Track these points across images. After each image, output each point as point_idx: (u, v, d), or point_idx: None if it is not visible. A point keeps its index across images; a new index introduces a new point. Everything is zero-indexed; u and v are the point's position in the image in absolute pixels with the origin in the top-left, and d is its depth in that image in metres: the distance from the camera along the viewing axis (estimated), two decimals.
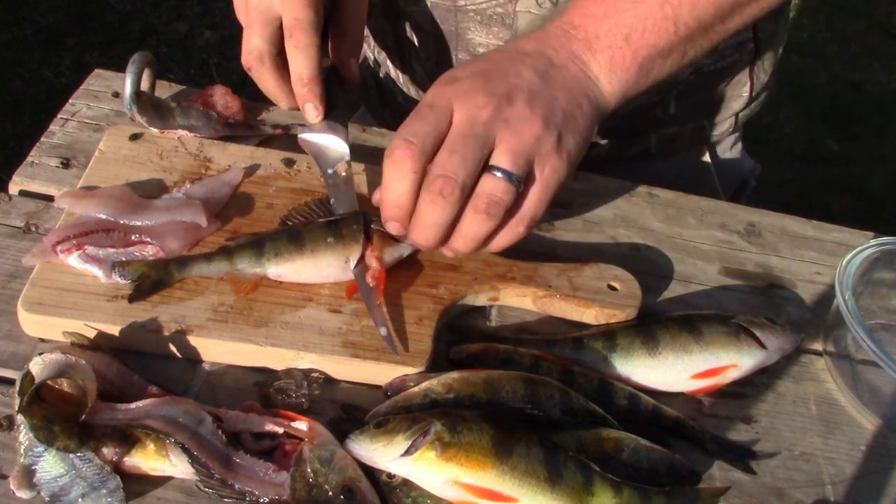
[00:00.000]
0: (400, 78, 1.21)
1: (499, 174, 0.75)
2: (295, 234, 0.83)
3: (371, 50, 1.25)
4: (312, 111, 0.89)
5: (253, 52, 0.89)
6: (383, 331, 0.79)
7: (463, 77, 0.79)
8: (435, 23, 1.08)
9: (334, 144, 0.91)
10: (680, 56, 0.85)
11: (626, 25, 0.81)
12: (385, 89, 1.25)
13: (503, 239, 0.79)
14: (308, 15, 0.86)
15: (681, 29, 0.82)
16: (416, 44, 1.14)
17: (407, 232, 0.78)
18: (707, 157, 1.24)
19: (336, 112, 0.92)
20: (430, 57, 1.13)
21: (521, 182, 0.76)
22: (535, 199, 0.78)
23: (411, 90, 1.20)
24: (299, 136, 0.91)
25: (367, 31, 1.25)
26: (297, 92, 0.89)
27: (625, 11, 0.81)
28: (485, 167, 0.75)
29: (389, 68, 1.22)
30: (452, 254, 0.80)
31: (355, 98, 1.31)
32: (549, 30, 0.83)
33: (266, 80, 0.91)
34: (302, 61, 0.87)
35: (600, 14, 0.82)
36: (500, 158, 0.75)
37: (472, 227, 0.77)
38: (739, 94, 1.20)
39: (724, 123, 1.22)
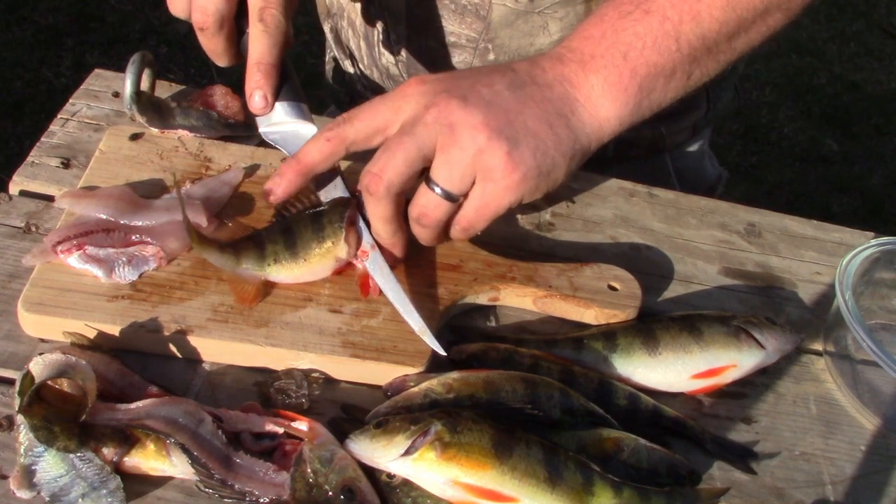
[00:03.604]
0: (364, 61, 1.19)
1: (436, 189, 0.76)
2: (290, 242, 0.81)
3: (335, 43, 1.24)
4: (261, 101, 0.83)
5: (212, 13, 0.80)
6: (427, 335, 0.78)
7: (434, 77, 0.79)
8: (408, 6, 1.07)
9: (301, 129, 0.85)
10: (684, 77, 0.81)
11: (624, 43, 0.79)
12: (350, 82, 1.24)
13: (448, 238, 0.81)
14: None
15: (683, 46, 0.79)
16: (386, 27, 1.11)
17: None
18: (667, 165, 1.23)
19: (289, 94, 0.85)
20: (400, 41, 1.11)
21: (459, 197, 0.76)
22: (470, 215, 0.78)
23: (374, 74, 1.19)
24: (261, 129, 0.86)
25: (332, 23, 1.24)
26: (251, 77, 0.82)
27: (623, 30, 0.79)
28: (427, 172, 0.76)
29: (356, 54, 1.20)
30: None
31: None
32: (545, 53, 0.82)
33: (217, 44, 0.83)
34: (268, 47, 0.81)
35: (598, 35, 0.80)
36: (438, 172, 0.75)
37: (414, 229, 0.80)
38: (696, 105, 1.19)
39: (682, 132, 1.21)
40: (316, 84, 1.46)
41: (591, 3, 1.02)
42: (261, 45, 0.81)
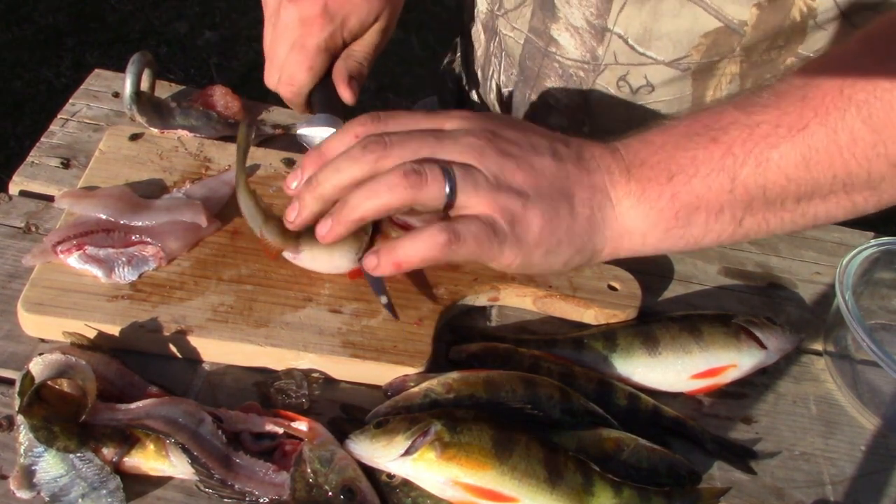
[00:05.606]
0: (473, 84, 1.23)
1: (445, 167, 0.68)
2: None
3: (462, 54, 1.28)
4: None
5: (297, 86, 0.96)
6: (384, 299, 0.78)
7: (484, 113, 0.77)
8: (523, 55, 1.09)
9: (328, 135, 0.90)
10: (733, 221, 0.72)
11: (676, 163, 0.71)
12: (460, 90, 1.28)
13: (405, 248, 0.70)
14: (303, 79, 0.94)
15: (738, 188, 0.70)
16: (501, 65, 1.14)
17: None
18: None
19: (333, 110, 0.95)
20: (508, 83, 1.14)
21: (454, 192, 0.68)
22: (436, 234, 0.68)
23: (488, 99, 1.21)
24: (297, 131, 0.95)
25: (464, 43, 1.28)
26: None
27: (683, 149, 0.71)
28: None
29: (466, 76, 1.24)
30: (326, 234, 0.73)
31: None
32: (604, 141, 0.75)
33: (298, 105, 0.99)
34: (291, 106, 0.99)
35: (658, 143, 0.72)
36: (453, 153, 0.69)
37: (372, 187, 0.68)
38: None
39: None
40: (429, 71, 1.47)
41: (700, 102, 1.01)
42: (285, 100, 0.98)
